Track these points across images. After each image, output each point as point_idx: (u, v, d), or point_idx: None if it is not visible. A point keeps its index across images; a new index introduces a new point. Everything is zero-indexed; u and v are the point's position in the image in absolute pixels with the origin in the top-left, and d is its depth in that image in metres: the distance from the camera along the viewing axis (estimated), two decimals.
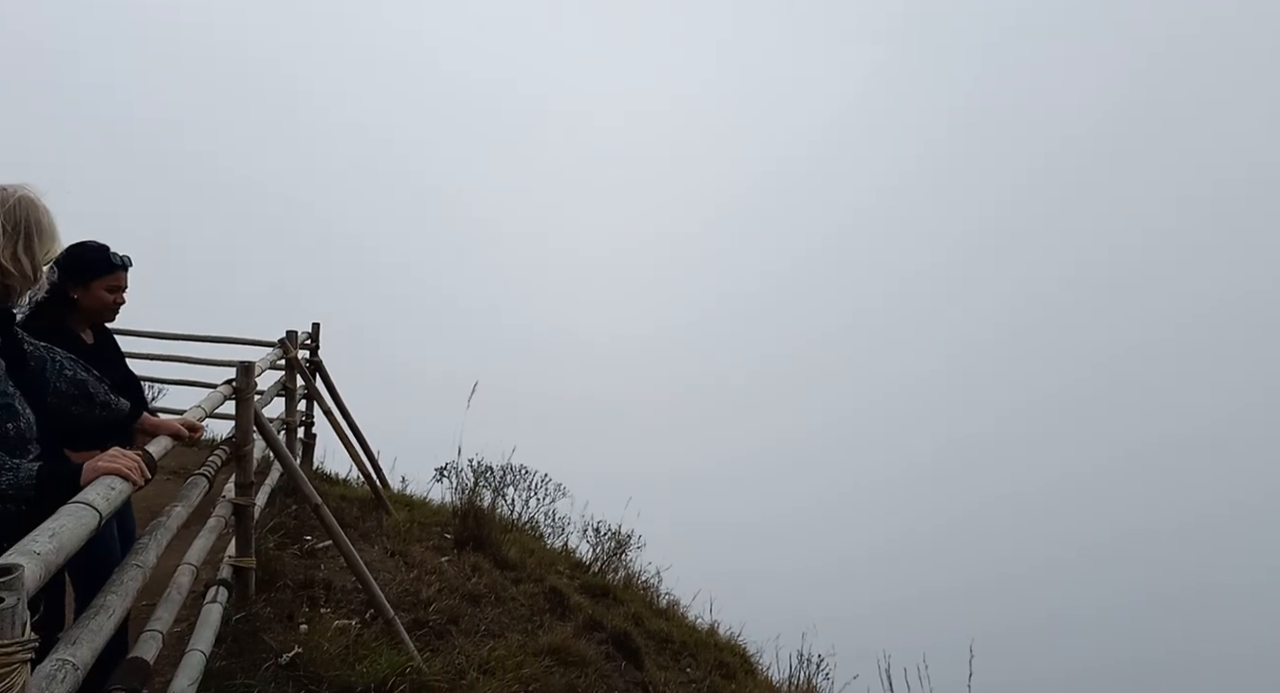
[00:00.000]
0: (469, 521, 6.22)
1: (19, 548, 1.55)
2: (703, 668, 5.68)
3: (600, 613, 5.61)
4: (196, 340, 9.79)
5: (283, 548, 5.05)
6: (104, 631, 2.04)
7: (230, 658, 3.54)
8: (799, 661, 6.40)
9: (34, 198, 2.12)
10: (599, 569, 7.31)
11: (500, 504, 7.66)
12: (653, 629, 6.01)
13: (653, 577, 7.61)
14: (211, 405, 3.60)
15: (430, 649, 4.21)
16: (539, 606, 5.38)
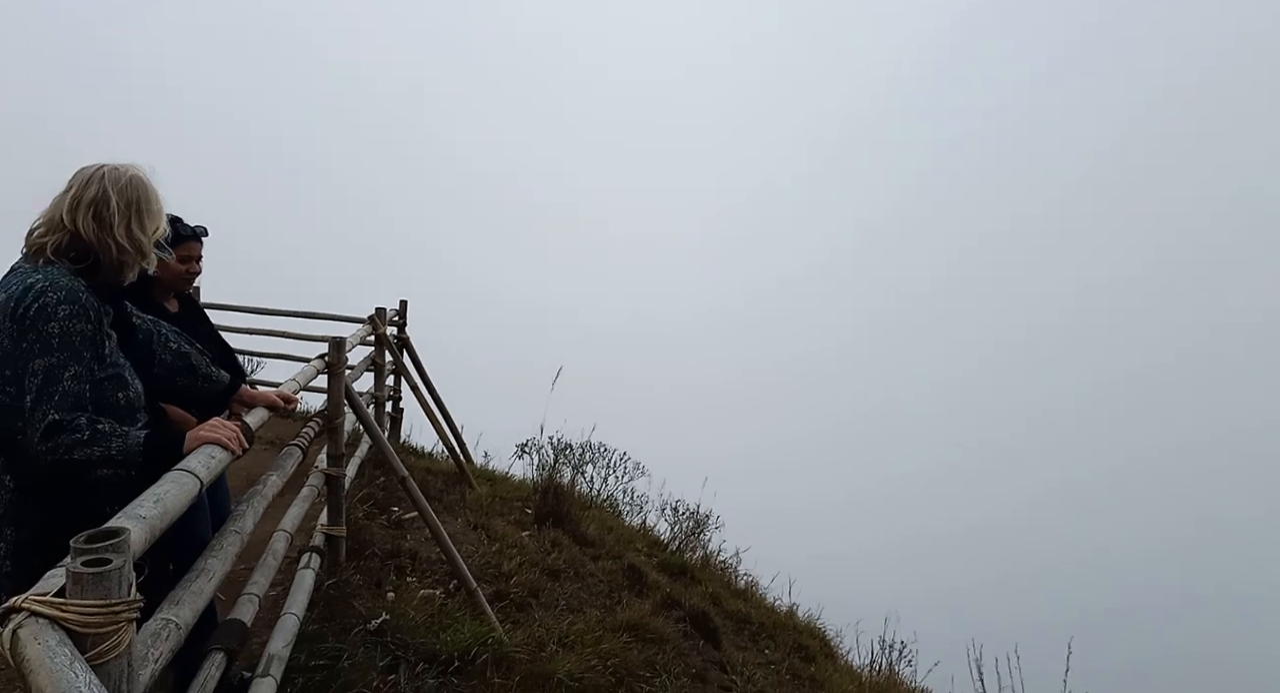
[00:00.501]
0: (549, 497, 6.29)
1: (126, 512, 1.61)
2: (781, 650, 5.63)
3: (678, 591, 5.61)
4: (290, 316, 10.17)
5: (371, 518, 5.20)
6: (205, 593, 2.12)
7: (322, 622, 3.66)
8: (880, 646, 6.27)
9: (143, 176, 2.19)
10: (677, 548, 7.31)
11: (579, 482, 7.74)
12: (730, 609, 5.99)
13: (731, 557, 7.58)
14: (305, 379, 3.72)
15: (511, 621, 4.28)
16: (617, 582, 5.41)
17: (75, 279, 2.03)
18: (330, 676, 3.18)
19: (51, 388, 1.92)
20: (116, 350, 2.17)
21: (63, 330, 1.95)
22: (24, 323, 1.93)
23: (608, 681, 3.91)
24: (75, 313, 1.97)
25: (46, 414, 1.91)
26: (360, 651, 3.39)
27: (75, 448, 1.93)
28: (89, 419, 1.95)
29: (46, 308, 1.94)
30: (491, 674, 3.50)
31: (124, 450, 1.99)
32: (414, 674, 3.43)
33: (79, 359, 1.98)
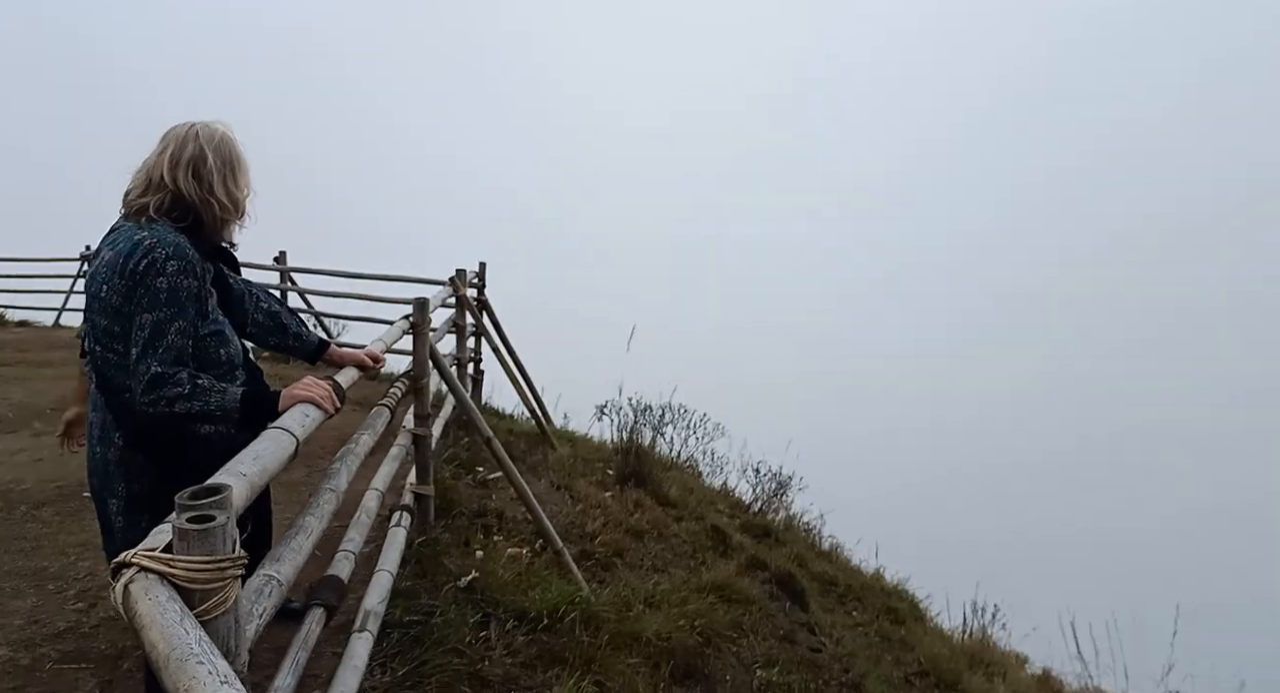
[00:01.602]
0: (630, 458, 6.28)
1: (227, 469, 1.60)
2: (869, 613, 5.52)
3: (762, 553, 5.54)
4: (372, 279, 10.39)
5: (457, 478, 5.28)
6: (304, 550, 2.13)
7: (414, 579, 3.72)
8: (972, 610, 6.09)
9: (231, 134, 2.19)
10: (759, 509, 7.24)
11: (659, 443, 7.70)
12: (816, 571, 5.90)
13: (815, 519, 7.47)
14: (391, 339, 3.73)
15: (597, 581, 4.28)
16: (701, 543, 5.38)
17: (180, 236, 2.03)
18: (424, 631, 3.23)
19: (157, 342, 1.94)
20: (217, 308, 2.19)
21: (170, 286, 1.96)
22: (133, 279, 1.95)
23: (695, 641, 3.88)
24: (182, 269, 1.98)
25: (150, 367, 1.93)
26: (452, 607, 3.42)
27: (176, 401, 1.95)
28: (190, 374, 1.97)
29: (155, 263, 1.95)
30: (580, 633, 3.50)
31: (222, 406, 2.00)
32: (504, 631, 3.46)
33: (184, 314, 1.99)
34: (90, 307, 2.08)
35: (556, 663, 3.29)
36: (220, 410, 2.01)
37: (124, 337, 2.00)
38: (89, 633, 3.14)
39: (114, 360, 2.06)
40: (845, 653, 4.56)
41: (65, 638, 3.11)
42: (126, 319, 1.99)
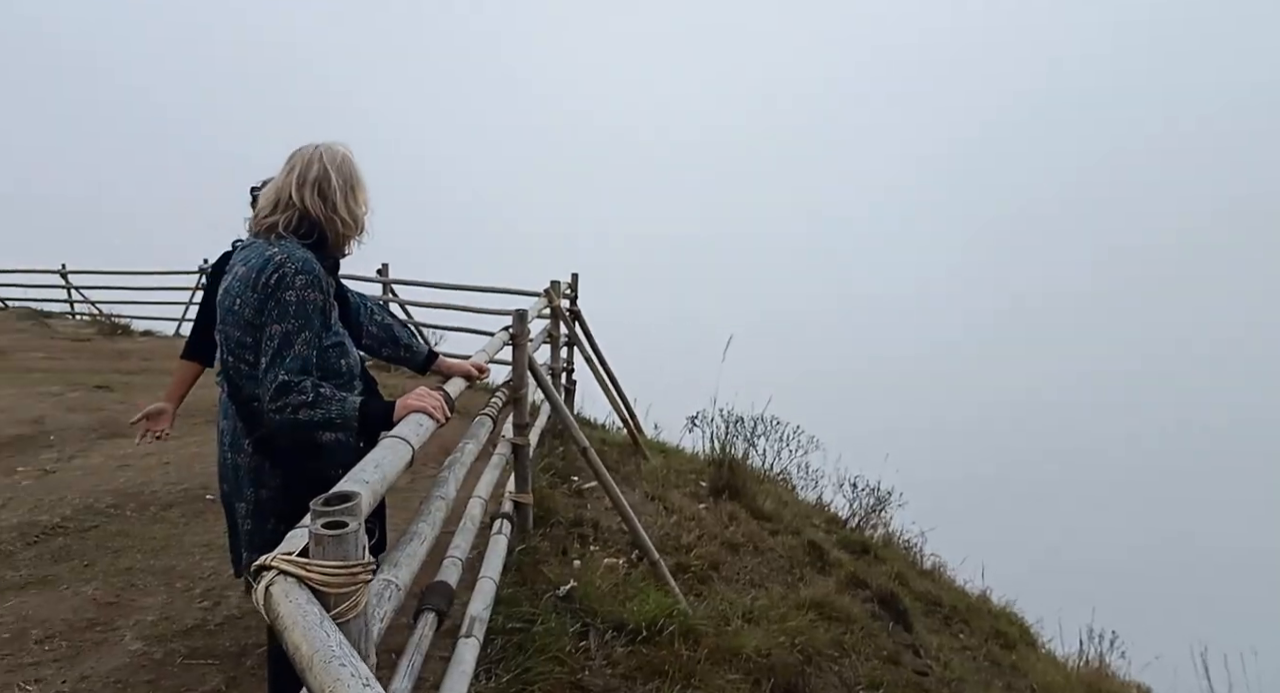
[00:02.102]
0: (724, 470, 6.23)
1: (351, 477, 1.65)
2: (977, 636, 5.30)
3: (862, 570, 5.40)
4: (469, 290, 10.68)
5: (553, 487, 5.33)
6: (419, 555, 2.19)
7: (515, 586, 3.77)
8: (1088, 636, 5.76)
9: (351, 155, 2.27)
10: (857, 525, 7.06)
11: (752, 455, 7.61)
12: (919, 590, 5.70)
13: (915, 537, 7.23)
14: (494, 350, 3.82)
15: (694, 594, 4.25)
16: (798, 558, 5.27)
17: (307, 251, 2.13)
18: (526, 638, 3.26)
19: (285, 352, 2.03)
20: (339, 320, 2.28)
21: (299, 299, 2.05)
22: (265, 292, 2.05)
23: (795, 658, 3.79)
24: (310, 283, 2.07)
25: (277, 376, 2.01)
26: (552, 616, 3.45)
27: (301, 408, 2.03)
28: (313, 383, 2.04)
29: (285, 278, 2.04)
30: (679, 646, 3.47)
31: (342, 414, 2.07)
32: (604, 642, 3.47)
33: (311, 326, 2.07)
34: (224, 319, 2.19)
35: (656, 676, 3.27)
36: (340, 418, 2.08)
37: (255, 348, 2.10)
38: (214, 630, 3.30)
39: (245, 371, 2.17)
40: (953, 677, 4.38)
41: (193, 635, 3.28)
42: (258, 331, 2.09)
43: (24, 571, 3.83)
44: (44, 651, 3.09)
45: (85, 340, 12.94)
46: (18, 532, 4.23)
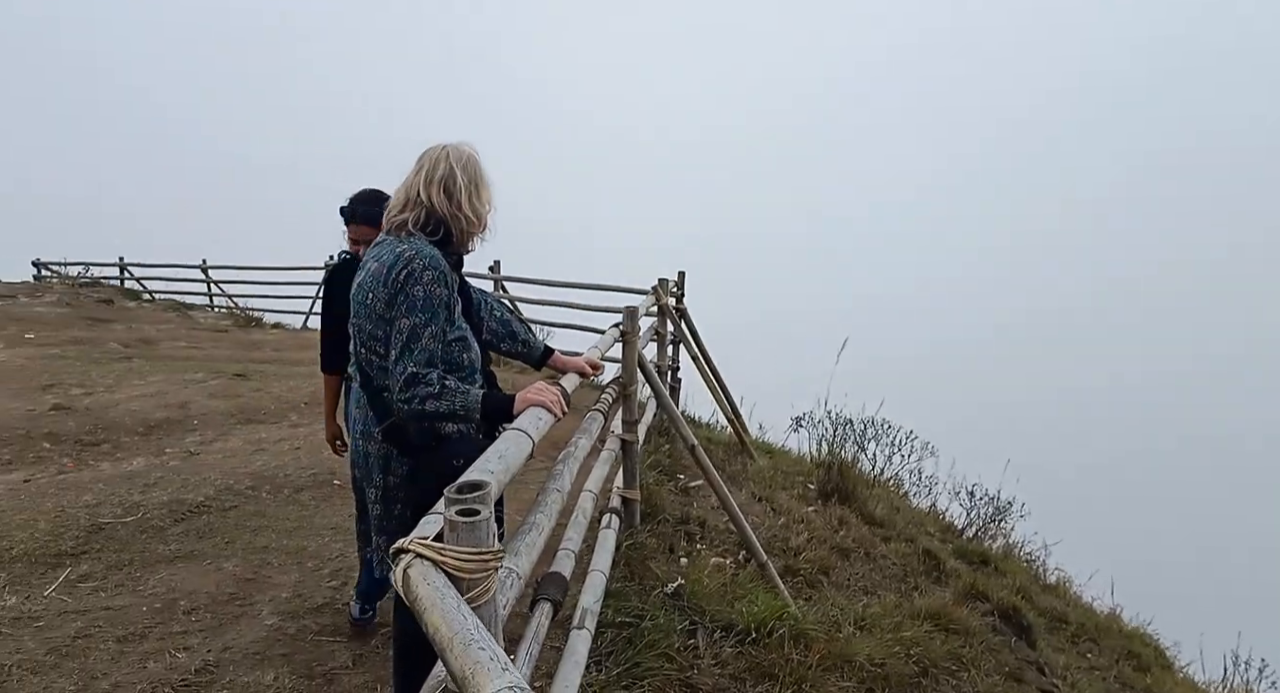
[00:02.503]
0: (833, 473, 6.09)
1: (477, 467, 1.70)
2: (1107, 656, 4.99)
3: (981, 582, 5.17)
4: (576, 287, 10.85)
5: (660, 484, 5.35)
6: (537, 546, 2.23)
7: (623, 581, 3.80)
8: (1233, 662, 5.33)
9: (476, 155, 2.33)
10: (975, 535, 6.77)
11: (861, 459, 7.42)
12: (1042, 606, 5.42)
13: (1038, 549, 6.87)
14: (606, 346, 3.85)
15: (803, 598, 4.18)
16: (912, 567, 5.11)
17: (434, 248, 2.20)
18: (635, 633, 3.28)
19: (413, 345, 2.11)
20: (462, 315, 2.35)
21: (425, 293, 2.12)
22: (395, 287, 2.13)
23: (911, 670, 3.67)
24: (436, 278, 2.14)
25: (406, 368, 2.10)
26: (661, 612, 3.46)
27: (427, 400, 2.10)
28: (439, 375, 2.12)
29: (414, 273, 2.12)
30: (789, 650, 3.42)
31: (465, 406, 2.14)
32: (712, 641, 3.45)
33: (436, 320, 2.15)
34: (357, 312, 2.29)
35: (766, 679, 3.23)
36: (464, 410, 2.14)
37: (385, 340, 2.19)
38: (341, 610, 3.47)
39: (376, 362, 2.27)
40: None
41: (323, 612, 3.46)
42: (388, 324, 2.18)
43: (173, 545, 4.13)
44: (191, 621, 3.32)
45: (223, 331, 13.87)
46: (167, 509, 4.56)
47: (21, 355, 9.66)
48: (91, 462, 5.72)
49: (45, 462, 5.65)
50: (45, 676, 2.86)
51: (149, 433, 6.44)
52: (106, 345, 10.88)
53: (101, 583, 3.67)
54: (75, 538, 4.10)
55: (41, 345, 10.49)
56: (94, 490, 4.83)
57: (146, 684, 2.80)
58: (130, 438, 6.29)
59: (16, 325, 11.69)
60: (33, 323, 12.06)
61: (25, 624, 3.23)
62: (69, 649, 3.04)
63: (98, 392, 7.87)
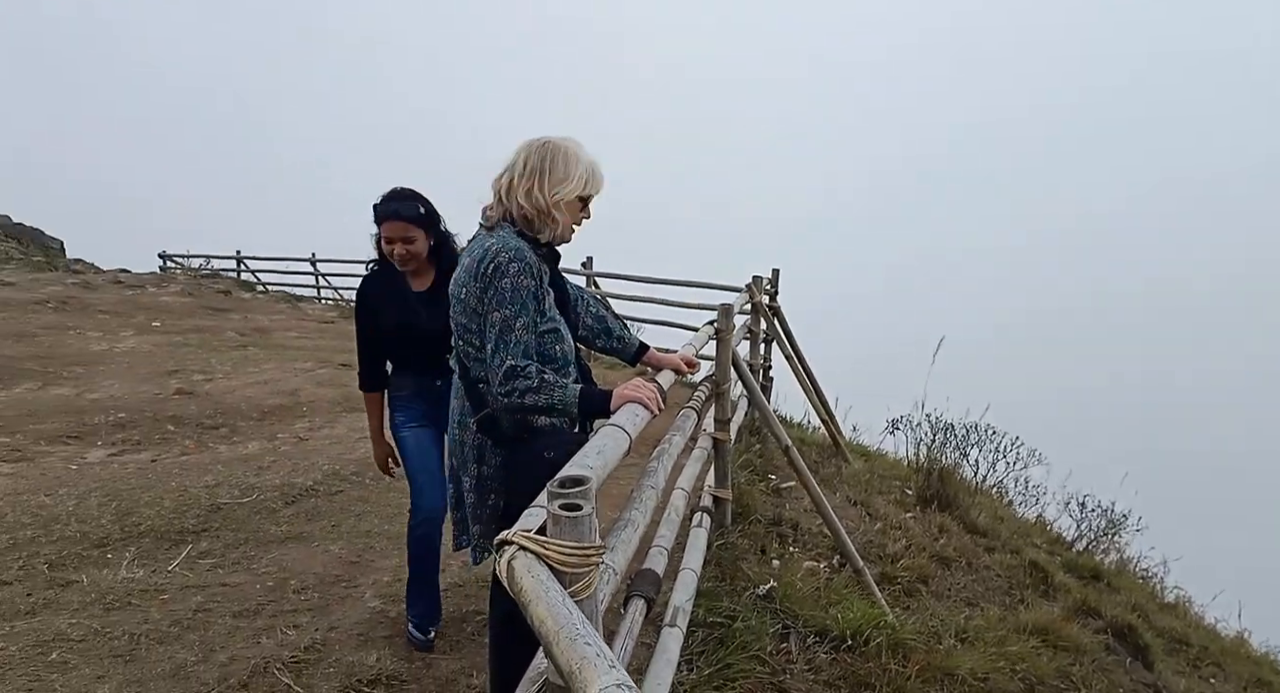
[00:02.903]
0: (933, 478, 5.89)
1: (576, 462, 1.70)
2: (1233, 683, 4.65)
3: (1092, 598, 4.90)
4: (669, 284, 10.84)
5: (751, 484, 5.28)
6: (632, 542, 2.22)
7: (714, 581, 3.77)
8: None
9: (560, 144, 2.30)
10: (1085, 548, 6.43)
11: (963, 465, 7.14)
12: (1160, 626, 5.09)
13: (1155, 566, 6.47)
14: (700, 344, 3.82)
15: (900, 606, 4.05)
16: (1018, 579, 4.88)
17: (520, 241, 2.22)
18: (727, 634, 3.24)
19: (506, 336, 2.14)
20: (554, 307, 2.36)
21: (513, 286, 2.15)
22: (484, 281, 2.17)
23: (1017, 686, 3.51)
24: (522, 270, 2.16)
25: (504, 360, 2.12)
26: (753, 614, 3.41)
27: (526, 393, 2.12)
28: (538, 368, 2.14)
29: (500, 267, 2.15)
30: (886, 659, 3.31)
31: (563, 400, 2.15)
32: (805, 646, 3.37)
33: (526, 311, 2.17)
34: (454, 307, 2.33)
35: (862, 688, 3.14)
36: (561, 404, 2.15)
37: (480, 333, 2.23)
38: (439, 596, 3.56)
39: (472, 354, 2.31)
40: None
41: None
42: (481, 318, 2.21)
43: (284, 526, 4.33)
44: (300, 600, 3.47)
45: (330, 322, 14.48)
46: (279, 491, 4.79)
47: (149, 342, 10.33)
48: (210, 444, 6.06)
49: (170, 443, 6.03)
50: (170, 646, 3.04)
51: (263, 418, 6.79)
52: (225, 334, 11.53)
53: (220, 560, 3.88)
54: (197, 516, 4.35)
55: (166, 333, 11.19)
56: (213, 472, 5.12)
57: (260, 659, 2.94)
58: (246, 423, 6.64)
59: (145, 314, 12.51)
60: (159, 312, 12.89)
61: (152, 596, 3.45)
62: (190, 622, 3.22)
63: (217, 378, 8.35)
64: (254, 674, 2.86)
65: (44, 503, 4.47)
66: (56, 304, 11.97)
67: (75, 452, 5.70)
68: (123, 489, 4.71)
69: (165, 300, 14.14)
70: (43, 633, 3.09)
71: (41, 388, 7.58)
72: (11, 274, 13.71)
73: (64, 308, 11.88)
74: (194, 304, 14.12)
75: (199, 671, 2.87)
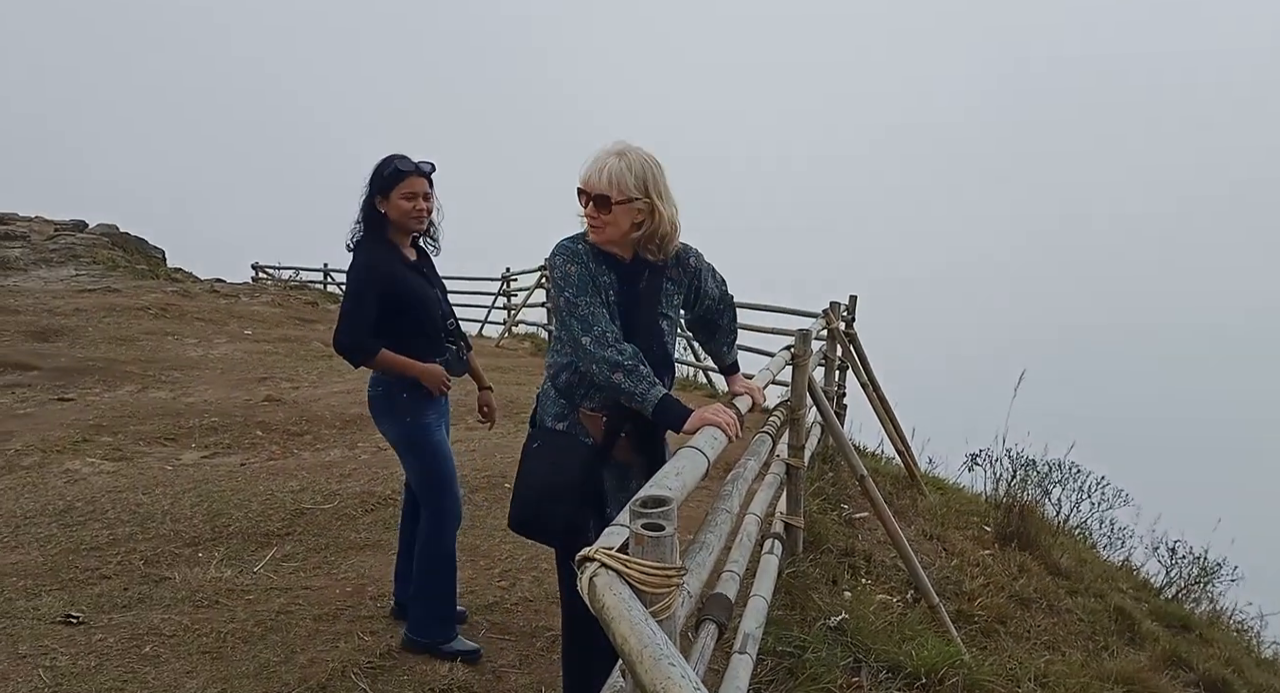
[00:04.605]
0: (1012, 516, 5.69)
1: (655, 483, 1.71)
2: None
3: (1182, 649, 4.64)
4: (745, 308, 10.78)
5: (823, 513, 5.20)
6: (706, 565, 2.22)
7: (784, 610, 3.72)
8: None
9: (603, 149, 2.35)
10: (1175, 596, 6.11)
11: (1044, 503, 6.88)
12: (1257, 683, 4.79)
13: (1252, 619, 6.10)
14: (777, 369, 3.81)
15: (977, 646, 3.92)
16: (1102, 625, 4.67)
17: (576, 242, 2.36)
18: (796, 664, 3.20)
19: (572, 313, 2.27)
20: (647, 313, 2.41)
21: (563, 272, 2.31)
22: (550, 274, 2.35)
23: None
24: (568, 258, 2.32)
25: (589, 335, 2.23)
26: (824, 645, 3.35)
27: (616, 370, 2.19)
28: (639, 357, 2.20)
29: (551, 260, 2.37)
30: None
31: (645, 396, 2.20)
32: (877, 682, 3.30)
33: (585, 292, 2.28)
34: None
35: None
36: (642, 399, 2.20)
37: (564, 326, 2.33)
38: (510, 610, 3.61)
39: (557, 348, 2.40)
40: None
41: (493, 610, 3.61)
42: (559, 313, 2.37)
43: (362, 533, 4.47)
44: (376, 606, 3.56)
45: None
46: (359, 499, 4.94)
47: (241, 350, 10.81)
48: (295, 450, 6.30)
49: (258, 448, 6.29)
50: (254, 646, 3.16)
51: (344, 427, 7.01)
52: (311, 344, 11.97)
53: (302, 564, 4.02)
54: (281, 520, 4.52)
55: (257, 341, 11.69)
56: (298, 477, 5.32)
57: (338, 663, 3.03)
58: (329, 430, 6.88)
59: (238, 322, 13.10)
60: (251, 320, 13.47)
61: (238, 596, 3.60)
62: (273, 623, 3.34)
63: (303, 386, 8.67)
64: (332, 678, 2.94)
65: (141, 501, 4.71)
66: (157, 311, 12.63)
67: (171, 453, 6.00)
68: (214, 491, 4.93)
69: (256, 309, 14.78)
70: (137, 627, 3.25)
71: (142, 390, 8.01)
72: (118, 281, 14.53)
73: (164, 314, 12.53)
74: (283, 314, 14.73)
75: (280, 671, 2.97)
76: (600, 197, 2.27)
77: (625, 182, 2.26)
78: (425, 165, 2.96)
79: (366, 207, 2.97)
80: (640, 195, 2.28)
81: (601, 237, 2.34)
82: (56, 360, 8.76)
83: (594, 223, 2.32)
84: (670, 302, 2.49)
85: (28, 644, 3.06)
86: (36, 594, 3.51)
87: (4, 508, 4.52)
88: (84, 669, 2.91)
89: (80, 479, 5.18)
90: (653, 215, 2.32)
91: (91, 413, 6.86)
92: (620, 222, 2.30)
